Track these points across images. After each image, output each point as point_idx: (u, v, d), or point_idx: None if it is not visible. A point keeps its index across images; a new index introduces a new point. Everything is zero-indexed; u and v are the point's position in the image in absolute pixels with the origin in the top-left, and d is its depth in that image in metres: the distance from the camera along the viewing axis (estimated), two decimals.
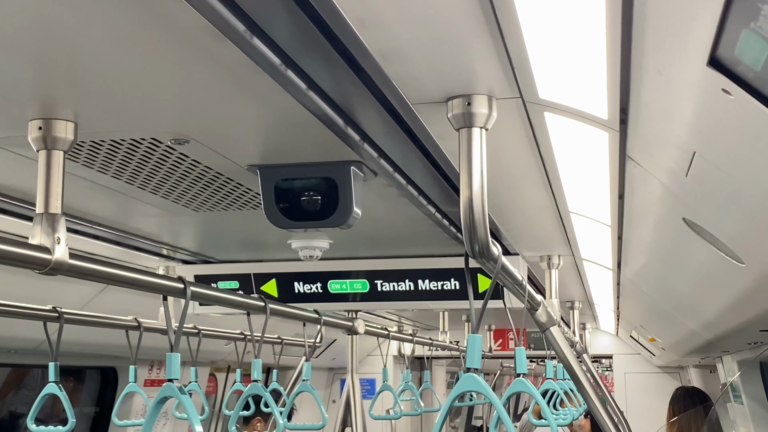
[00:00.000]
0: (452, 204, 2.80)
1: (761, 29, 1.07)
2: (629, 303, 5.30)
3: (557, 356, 3.20)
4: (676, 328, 4.67)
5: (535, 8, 1.42)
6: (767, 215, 1.71)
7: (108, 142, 2.18)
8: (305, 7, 1.44)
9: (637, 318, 5.81)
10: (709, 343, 4.23)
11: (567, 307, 6.17)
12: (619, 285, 4.66)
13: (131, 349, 3.40)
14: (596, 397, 3.38)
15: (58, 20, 1.50)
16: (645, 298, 4.59)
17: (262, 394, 3.27)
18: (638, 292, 4.51)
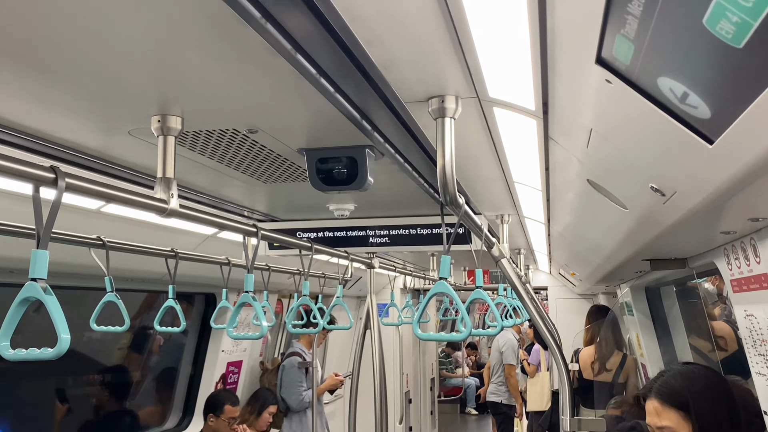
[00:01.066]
0: (433, 176, 2.78)
1: (628, 34, 1.07)
2: (557, 248, 5.23)
3: (507, 280, 3.16)
4: (588, 264, 4.63)
5: (484, 34, 1.39)
6: (641, 171, 1.68)
7: (204, 132, 2.16)
8: (331, 32, 1.43)
9: (563, 259, 5.74)
10: (610, 273, 4.18)
11: (515, 253, 6.11)
12: (549, 236, 4.60)
13: (224, 279, 3.37)
14: (535, 311, 3.35)
15: (169, 44, 1.49)
16: (567, 244, 4.53)
17: (310, 304, 3.29)
18: (562, 240, 4.44)
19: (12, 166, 1.42)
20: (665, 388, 2.07)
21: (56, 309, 1.40)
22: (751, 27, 0.80)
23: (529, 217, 3.99)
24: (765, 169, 1.13)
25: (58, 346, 1.40)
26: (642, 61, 1.10)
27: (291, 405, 5.61)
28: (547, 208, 3.47)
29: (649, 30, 0.99)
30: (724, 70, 0.93)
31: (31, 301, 1.42)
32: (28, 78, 1.69)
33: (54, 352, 1.42)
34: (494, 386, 9.07)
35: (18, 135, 2.07)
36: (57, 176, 1.47)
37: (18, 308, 1.42)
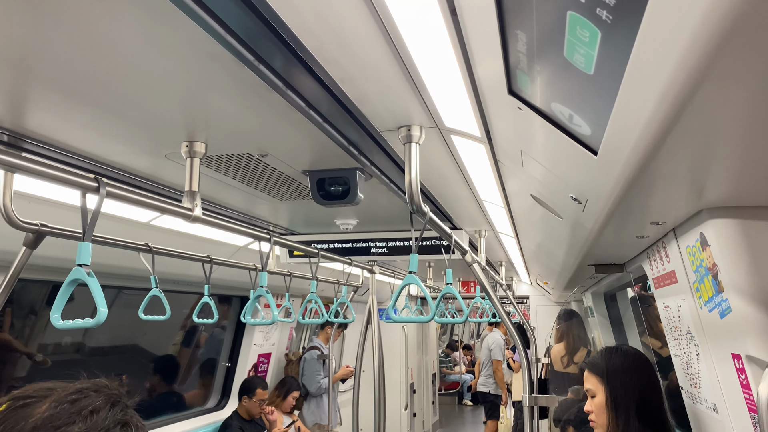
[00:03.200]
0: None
1: (523, 69, 1.15)
2: (530, 260, 5.22)
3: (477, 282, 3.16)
4: (552, 273, 4.64)
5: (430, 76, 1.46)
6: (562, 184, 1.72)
7: (225, 155, 2.23)
8: (310, 71, 1.47)
9: (536, 270, 5.73)
10: (570, 280, 4.17)
11: (498, 265, 6.12)
12: (521, 249, 4.60)
13: (252, 282, 3.38)
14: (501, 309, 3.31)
15: (194, 84, 1.58)
16: (535, 257, 4.55)
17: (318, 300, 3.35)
18: (532, 252, 4.46)
19: (64, 176, 1.53)
20: (592, 360, 2.19)
21: (96, 288, 1.48)
22: (593, 56, 0.88)
23: (502, 232, 4.00)
24: (638, 173, 1.19)
25: (97, 317, 1.49)
26: (537, 91, 1.18)
27: (310, 390, 5.69)
28: (513, 224, 3.49)
29: (535, 64, 1.07)
30: (586, 93, 1.01)
31: (77, 282, 1.51)
32: (84, 111, 1.78)
33: (93, 322, 1.50)
34: (483, 379, 9.07)
35: (74, 156, 2.16)
36: (99, 185, 1.58)
37: (67, 288, 1.51)
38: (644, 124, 0.93)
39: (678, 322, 2.09)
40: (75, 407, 0.88)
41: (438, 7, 1.08)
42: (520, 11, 0.93)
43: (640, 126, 0.95)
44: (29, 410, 0.87)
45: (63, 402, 0.88)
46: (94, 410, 0.89)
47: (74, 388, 0.92)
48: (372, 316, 4.16)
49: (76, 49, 1.37)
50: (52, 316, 1.49)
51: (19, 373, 4.31)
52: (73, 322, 1.52)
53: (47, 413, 0.86)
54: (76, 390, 0.92)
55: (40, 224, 2.13)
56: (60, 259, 2.87)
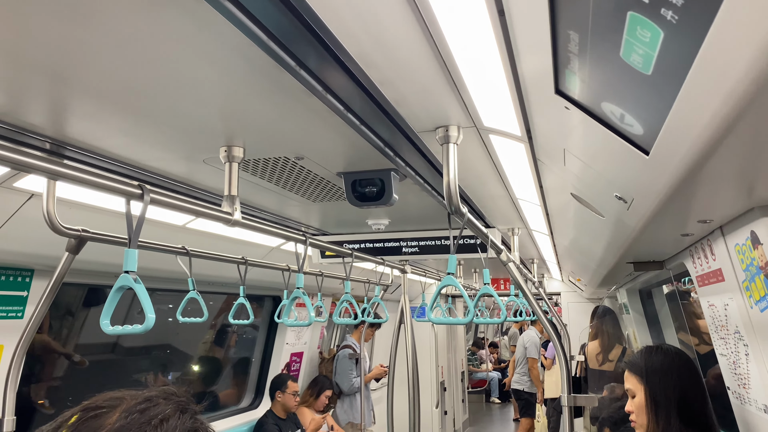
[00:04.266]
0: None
1: (572, 69, 1.13)
2: (563, 258, 5.17)
3: (513, 281, 3.15)
4: (587, 270, 4.57)
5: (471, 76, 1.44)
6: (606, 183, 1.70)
7: (262, 159, 2.24)
8: (351, 75, 1.48)
9: (570, 267, 5.67)
10: (606, 277, 4.12)
11: (530, 263, 6.07)
12: (555, 246, 4.56)
13: (285, 282, 3.45)
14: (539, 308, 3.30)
15: (233, 90, 1.58)
16: (569, 253, 4.50)
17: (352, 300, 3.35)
18: (566, 250, 4.41)
19: (110, 184, 1.55)
20: (632, 359, 2.17)
21: (144, 294, 1.49)
22: (653, 57, 0.86)
23: (535, 230, 3.97)
24: (693, 173, 1.16)
25: (145, 323, 1.51)
26: (587, 90, 1.16)
27: (343, 389, 5.72)
28: (548, 222, 3.46)
29: (586, 64, 1.05)
30: (643, 92, 0.99)
31: (125, 289, 1.51)
32: (125, 118, 1.80)
33: (142, 328, 1.52)
34: (518, 376, 9.00)
35: (116, 163, 2.19)
36: (143, 192, 1.60)
37: (115, 294, 1.52)
38: (705, 124, 0.91)
39: (725, 321, 2.04)
40: (145, 416, 0.88)
41: (486, 8, 1.07)
42: (574, 12, 0.92)
43: (699, 126, 0.93)
44: (100, 421, 0.87)
45: (133, 412, 0.88)
46: (164, 419, 0.89)
47: (143, 396, 0.92)
48: (405, 316, 4.15)
49: (118, 58, 1.39)
50: (101, 322, 1.51)
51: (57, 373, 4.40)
52: (122, 328, 1.54)
53: (118, 423, 0.86)
54: (145, 399, 0.92)
55: (81, 230, 2.17)
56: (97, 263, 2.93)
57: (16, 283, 2.77)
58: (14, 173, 2.13)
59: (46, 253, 2.54)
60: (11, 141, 1.92)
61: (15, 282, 2.77)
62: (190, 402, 0.96)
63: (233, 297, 5.47)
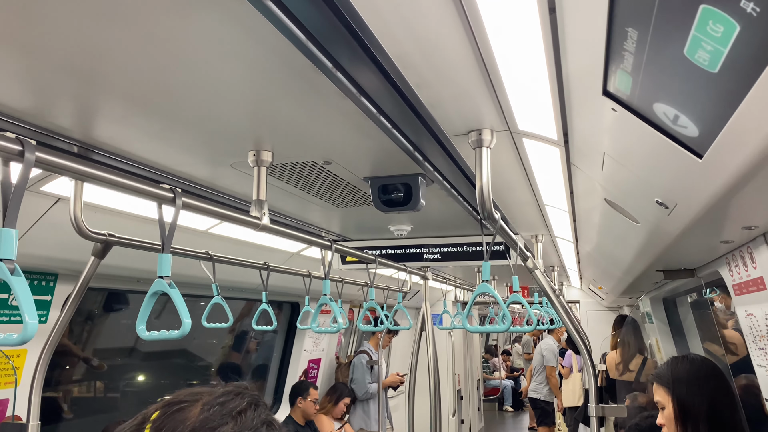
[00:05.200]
0: (475, 200, 2.77)
1: (626, 68, 1.09)
2: (585, 265, 5.10)
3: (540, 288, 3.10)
4: (611, 277, 4.51)
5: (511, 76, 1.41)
6: (648, 187, 1.66)
7: (290, 164, 2.22)
8: (388, 77, 1.46)
9: (590, 274, 5.59)
10: (631, 285, 4.05)
11: (550, 270, 6.00)
12: (578, 254, 4.50)
13: (306, 288, 3.41)
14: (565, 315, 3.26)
15: (263, 92, 1.55)
16: (593, 260, 4.43)
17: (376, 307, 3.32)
18: (589, 257, 4.35)
19: (142, 187, 1.53)
20: (659, 371, 2.14)
21: (179, 299, 1.47)
22: (722, 54, 0.82)
23: (559, 236, 3.92)
24: (748, 177, 1.12)
25: (182, 329, 1.48)
26: (639, 91, 1.12)
27: (357, 395, 5.69)
28: (574, 228, 3.41)
29: (643, 63, 1.01)
30: (705, 92, 0.95)
31: (159, 294, 1.49)
32: (155, 121, 1.78)
33: (179, 333, 1.50)
34: (534, 385, 8.90)
35: (144, 168, 2.18)
36: (175, 196, 1.58)
37: (150, 299, 1.50)
38: None
39: (765, 332, 1.99)
40: (225, 409, 0.94)
41: (536, 6, 1.03)
42: (637, 8, 0.88)
43: (765, 129, 0.89)
44: (184, 414, 0.93)
45: (213, 404, 0.95)
46: (242, 411, 0.95)
47: (221, 391, 0.99)
48: (426, 323, 4.10)
49: (150, 60, 1.37)
50: (138, 328, 1.49)
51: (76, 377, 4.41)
52: (159, 333, 1.52)
53: (201, 416, 0.93)
54: (223, 393, 0.98)
55: (108, 234, 2.15)
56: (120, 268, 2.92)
57: (40, 287, 2.77)
58: (42, 177, 2.12)
59: (71, 257, 2.53)
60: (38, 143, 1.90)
61: (39, 286, 2.76)
62: (261, 397, 1.03)
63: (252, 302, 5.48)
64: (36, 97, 1.61)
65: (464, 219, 3.27)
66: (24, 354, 2.74)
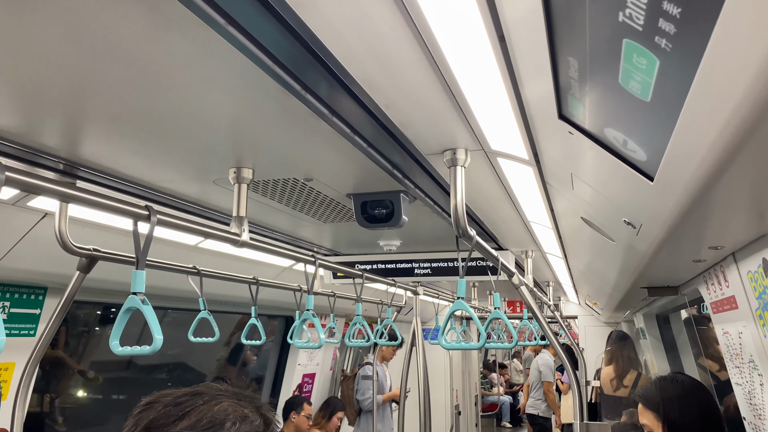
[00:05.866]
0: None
1: (574, 94, 1.12)
2: (579, 281, 5.10)
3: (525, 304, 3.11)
4: (603, 294, 4.51)
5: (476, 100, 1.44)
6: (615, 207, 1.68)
7: (272, 180, 2.24)
8: (355, 98, 1.50)
9: (586, 291, 5.59)
10: (621, 302, 4.05)
11: (545, 285, 5.99)
12: (570, 269, 4.50)
13: (297, 303, 3.41)
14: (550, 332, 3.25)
15: (243, 114, 1.60)
16: (585, 277, 4.43)
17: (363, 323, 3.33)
18: (581, 273, 4.35)
19: (115, 205, 1.56)
20: (645, 392, 2.06)
21: (152, 316, 1.49)
22: (650, 84, 0.85)
23: (549, 252, 3.92)
24: (698, 198, 1.14)
25: (153, 345, 1.51)
26: (589, 116, 1.15)
27: (362, 405, 5.74)
28: (561, 245, 3.42)
29: (587, 90, 1.04)
30: (642, 119, 0.98)
31: (132, 310, 1.52)
32: (137, 141, 1.82)
33: (150, 349, 1.52)
34: (532, 401, 8.84)
35: (128, 184, 2.21)
36: (150, 213, 1.61)
37: (123, 315, 1.53)
38: (705, 152, 0.89)
39: (739, 350, 2.00)
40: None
41: (486, 34, 1.07)
42: (571, 39, 0.91)
43: (701, 153, 0.92)
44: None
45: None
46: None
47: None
48: (416, 338, 4.11)
49: (131, 83, 1.41)
50: (111, 343, 1.52)
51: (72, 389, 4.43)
52: (131, 348, 1.55)
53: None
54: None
55: (93, 249, 2.18)
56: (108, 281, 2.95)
57: (29, 300, 2.80)
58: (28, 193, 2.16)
59: (58, 271, 2.56)
60: (24, 161, 1.95)
61: (28, 300, 2.80)
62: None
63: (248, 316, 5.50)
64: (22, 119, 1.65)
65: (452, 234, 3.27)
66: (12, 367, 2.77)
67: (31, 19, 1.12)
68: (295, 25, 1.16)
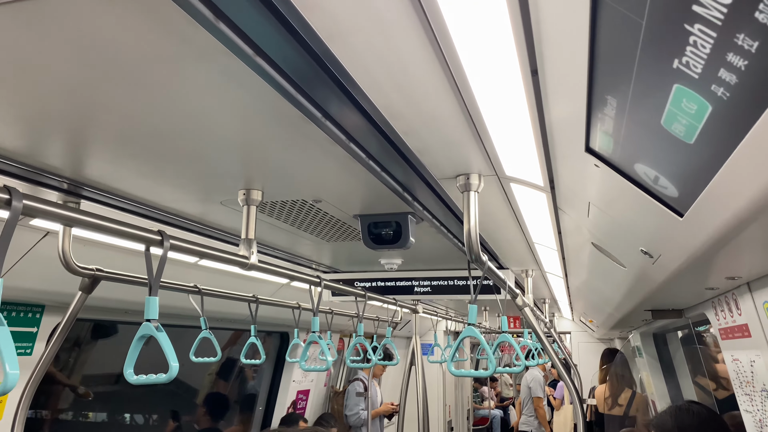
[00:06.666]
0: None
1: (607, 130, 1.11)
2: (576, 299, 5.10)
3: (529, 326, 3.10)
4: (601, 313, 4.51)
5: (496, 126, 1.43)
6: (632, 237, 1.68)
7: (279, 202, 2.23)
8: (376, 126, 1.48)
9: (582, 308, 5.58)
10: (620, 321, 4.05)
11: (541, 302, 5.99)
12: (568, 288, 4.50)
13: (295, 320, 3.38)
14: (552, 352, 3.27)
15: (253, 136, 1.57)
16: (583, 296, 4.44)
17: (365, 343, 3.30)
18: (579, 292, 4.36)
19: (129, 231, 1.53)
20: (661, 423, 2.02)
21: (167, 343, 1.46)
22: (697, 128, 0.84)
23: (549, 272, 3.92)
24: (729, 237, 1.14)
25: (169, 372, 1.47)
26: (620, 151, 1.14)
27: (350, 421, 5.68)
28: (563, 265, 3.42)
29: (623, 128, 1.03)
30: (682, 160, 0.97)
31: (147, 337, 1.49)
32: (146, 162, 1.79)
33: (166, 377, 1.49)
34: (525, 417, 8.77)
35: (134, 204, 2.18)
36: (163, 238, 1.58)
37: (137, 343, 1.49)
38: (750, 195, 0.88)
39: (750, 378, 1.99)
40: None
41: (519, 68, 1.06)
42: (615, 79, 0.90)
43: (743, 196, 0.91)
44: None
45: None
46: None
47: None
48: (416, 357, 4.08)
49: (141, 106, 1.38)
50: (125, 372, 1.48)
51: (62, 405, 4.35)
52: (146, 377, 1.51)
53: None
54: None
55: (96, 269, 2.15)
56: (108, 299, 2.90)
57: (26, 319, 2.75)
58: None
59: (58, 290, 2.52)
60: (28, 181, 1.91)
61: (25, 318, 2.74)
62: None
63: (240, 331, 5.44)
64: (26, 139, 1.62)
65: (454, 253, 3.27)
66: None
67: (39, 35, 1.08)
68: (323, 55, 1.14)
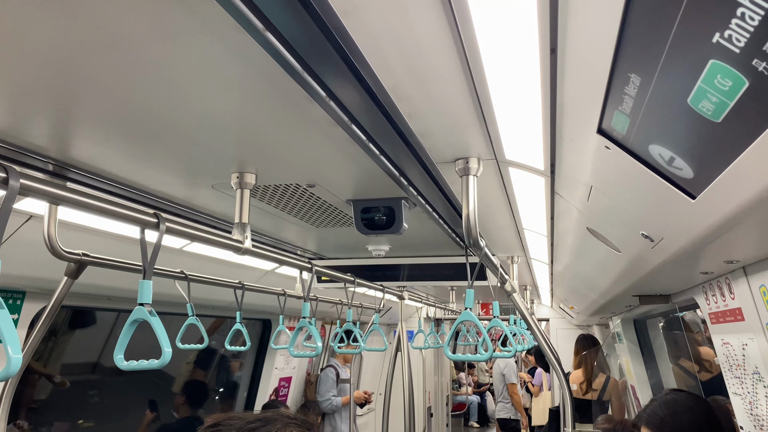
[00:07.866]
0: (456, 224, 2.75)
1: (624, 110, 1.10)
2: (558, 285, 5.14)
3: (518, 311, 3.13)
4: (585, 299, 4.55)
5: (503, 108, 1.42)
6: (634, 221, 1.68)
7: (272, 186, 2.19)
8: (380, 107, 1.46)
9: (562, 295, 5.64)
10: (603, 307, 4.10)
11: (522, 289, 6.03)
12: (552, 274, 4.53)
13: (281, 307, 3.36)
14: (541, 336, 3.31)
15: (248, 116, 1.52)
16: (567, 282, 4.47)
17: (354, 329, 3.29)
18: (563, 278, 4.38)
19: (123, 212, 1.48)
20: (653, 417, 2.02)
21: (160, 328, 1.44)
22: (727, 106, 0.83)
23: (535, 258, 3.94)
24: (740, 218, 1.14)
25: (162, 358, 1.45)
26: (636, 132, 1.13)
27: (322, 408, 5.70)
28: (551, 251, 3.43)
29: (643, 107, 1.02)
30: (705, 139, 0.96)
31: (139, 322, 1.45)
32: (136, 143, 1.73)
33: (159, 363, 1.46)
34: (501, 404, 8.86)
35: (124, 188, 2.12)
36: (159, 221, 1.53)
37: (129, 327, 1.46)
38: None
39: (741, 361, 2.02)
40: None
41: (538, 47, 1.04)
42: (642, 56, 0.89)
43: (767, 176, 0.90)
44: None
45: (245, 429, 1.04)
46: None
47: (257, 416, 1.09)
48: (402, 343, 4.08)
49: (133, 83, 1.32)
50: (116, 357, 1.44)
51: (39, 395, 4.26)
52: (138, 363, 1.47)
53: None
54: (258, 418, 1.08)
55: (82, 254, 2.09)
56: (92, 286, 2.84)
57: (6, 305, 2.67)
58: None
59: (42, 275, 2.45)
60: (10, 161, 1.84)
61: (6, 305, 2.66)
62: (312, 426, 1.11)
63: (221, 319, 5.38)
64: (9, 115, 1.55)
65: (442, 240, 3.26)
66: None
67: (21, 2, 1.02)
68: (336, 31, 1.11)
